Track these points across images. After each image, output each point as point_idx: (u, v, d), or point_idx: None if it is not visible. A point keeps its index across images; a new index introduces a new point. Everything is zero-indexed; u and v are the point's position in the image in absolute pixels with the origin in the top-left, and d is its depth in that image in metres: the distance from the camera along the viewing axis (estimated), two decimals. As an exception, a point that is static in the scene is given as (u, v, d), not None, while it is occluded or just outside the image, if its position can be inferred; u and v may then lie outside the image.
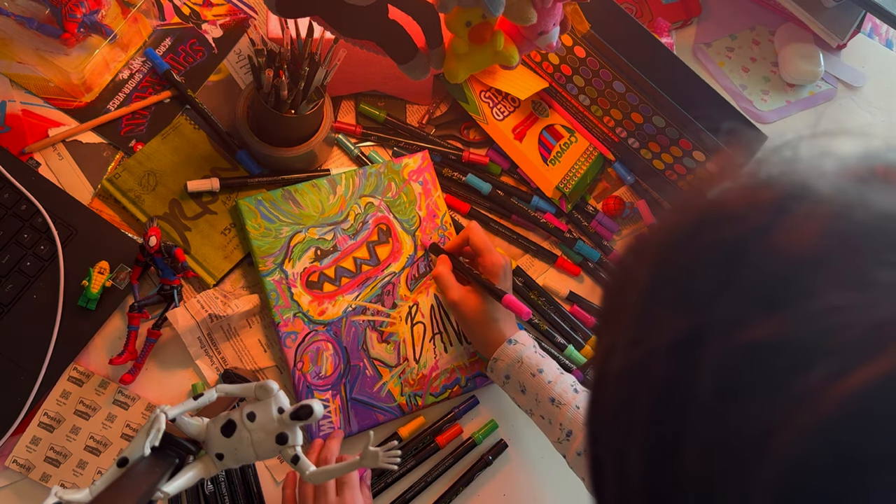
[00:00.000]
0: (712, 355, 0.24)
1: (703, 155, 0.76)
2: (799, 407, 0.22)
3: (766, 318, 0.23)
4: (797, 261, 0.23)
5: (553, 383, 0.67)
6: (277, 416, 0.53)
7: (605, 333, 0.31)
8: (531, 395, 0.68)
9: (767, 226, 0.24)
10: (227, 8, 0.84)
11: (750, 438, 0.22)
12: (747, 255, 0.24)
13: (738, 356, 0.23)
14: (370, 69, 0.80)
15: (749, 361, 0.23)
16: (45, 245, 0.72)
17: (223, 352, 0.73)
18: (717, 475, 0.23)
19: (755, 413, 0.22)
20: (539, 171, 0.83)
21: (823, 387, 0.21)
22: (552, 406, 0.66)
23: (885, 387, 0.21)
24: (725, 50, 0.95)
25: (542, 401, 0.67)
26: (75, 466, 0.68)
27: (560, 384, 0.67)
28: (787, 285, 0.23)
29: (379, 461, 0.56)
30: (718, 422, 0.23)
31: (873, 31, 1.01)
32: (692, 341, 0.24)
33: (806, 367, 0.22)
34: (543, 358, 0.69)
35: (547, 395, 0.67)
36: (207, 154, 0.78)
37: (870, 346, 0.21)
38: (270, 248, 0.74)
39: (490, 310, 0.70)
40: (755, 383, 0.23)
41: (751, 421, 0.22)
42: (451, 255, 0.75)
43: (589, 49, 0.77)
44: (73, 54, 0.75)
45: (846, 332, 0.22)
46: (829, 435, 0.21)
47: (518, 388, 0.69)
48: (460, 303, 0.71)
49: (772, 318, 0.23)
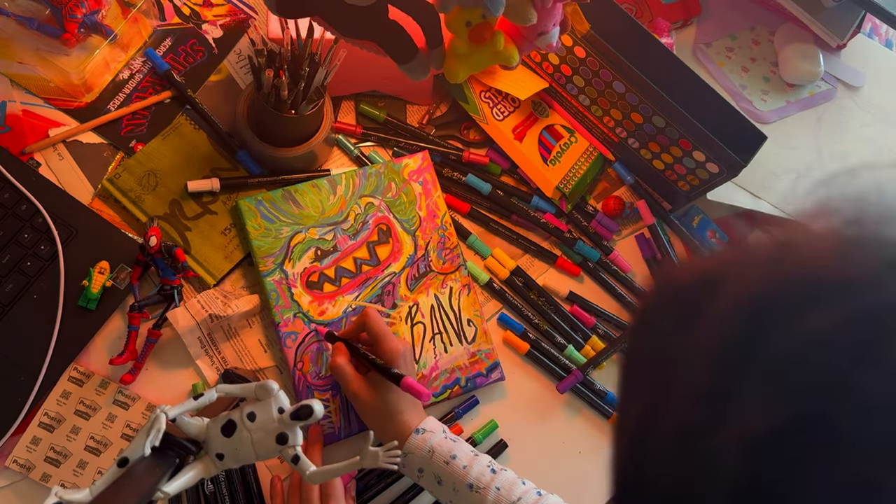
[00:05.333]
0: (841, 471, 0.20)
1: (703, 155, 0.76)
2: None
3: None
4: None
5: (469, 468, 0.63)
6: (277, 416, 0.53)
7: (639, 388, 0.27)
8: (448, 485, 0.64)
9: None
10: (227, 8, 0.84)
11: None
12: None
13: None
14: (370, 69, 0.80)
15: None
16: (45, 245, 0.72)
17: (223, 352, 0.73)
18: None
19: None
20: (539, 171, 0.83)
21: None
22: (472, 493, 0.62)
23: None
24: (725, 50, 0.95)
25: (460, 490, 0.63)
26: (75, 466, 0.68)
27: (476, 467, 0.64)
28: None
29: (379, 461, 0.56)
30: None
31: (873, 31, 1.01)
32: (802, 451, 0.21)
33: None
34: (455, 442, 0.65)
35: (464, 482, 0.63)
36: (207, 154, 0.78)
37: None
38: (270, 249, 0.74)
39: (393, 400, 0.66)
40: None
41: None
42: (348, 342, 0.70)
43: (589, 49, 0.77)
44: (73, 54, 0.75)
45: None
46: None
47: (434, 480, 0.65)
48: (360, 394, 0.67)
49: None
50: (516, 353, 0.80)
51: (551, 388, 0.79)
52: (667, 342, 0.26)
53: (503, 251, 0.83)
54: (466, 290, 0.79)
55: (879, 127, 0.94)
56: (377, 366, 0.67)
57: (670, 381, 0.25)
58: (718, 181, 0.78)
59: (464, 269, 0.79)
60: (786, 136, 0.91)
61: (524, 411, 0.78)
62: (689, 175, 0.81)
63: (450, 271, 0.79)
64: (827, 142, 0.92)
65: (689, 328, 0.25)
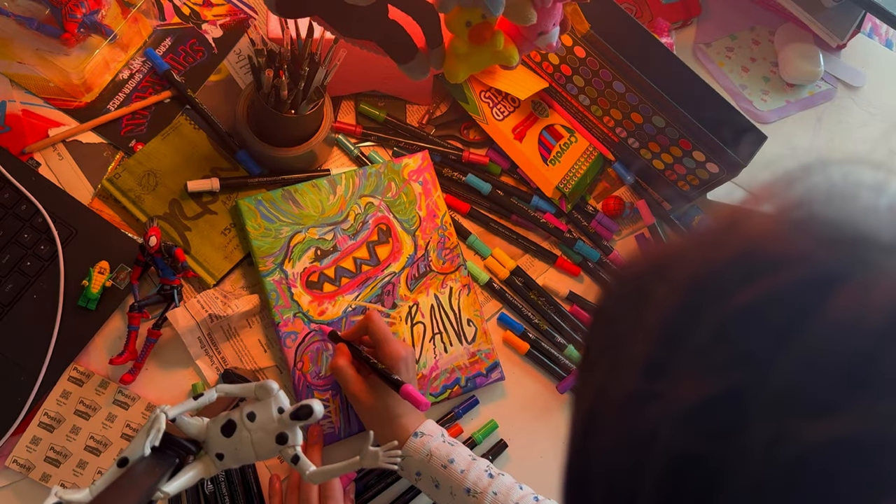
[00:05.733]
0: (759, 440, 0.21)
1: (703, 155, 0.76)
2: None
3: (850, 404, 0.20)
4: (875, 335, 0.21)
5: (466, 472, 0.64)
6: (277, 416, 0.53)
7: (594, 371, 0.28)
8: (445, 489, 0.64)
9: (837, 278, 0.22)
10: (227, 8, 0.84)
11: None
12: (822, 314, 0.21)
13: (808, 452, 0.20)
14: (370, 69, 0.80)
15: (824, 458, 0.20)
16: (45, 245, 0.72)
17: (223, 352, 0.73)
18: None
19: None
20: (539, 171, 0.83)
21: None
22: (469, 497, 0.63)
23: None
24: (725, 50, 0.95)
25: (457, 494, 0.63)
26: (75, 466, 0.68)
27: (473, 471, 0.64)
28: (872, 362, 0.20)
29: (379, 461, 0.56)
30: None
31: (873, 31, 1.01)
32: (730, 422, 0.22)
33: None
34: (453, 446, 0.65)
35: (462, 486, 0.63)
36: (207, 154, 0.78)
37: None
38: (270, 248, 0.74)
39: (392, 404, 0.66)
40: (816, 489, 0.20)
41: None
42: (350, 343, 0.70)
43: (589, 49, 0.77)
44: (73, 54, 0.75)
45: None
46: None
47: (431, 484, 0.65)
48: (360, 396, 0.67)
49: (854, 408, 0.20)
50: (516, 353, 0.80)
51: (551, 388, 0.79)
52: (619, 326, 0.28)
53: (503, 251, 0.82)
54: (466, 290, 0.79)
55: (879, 127, 0.94)
56: (378, 370, 0.67)
57: (619, 360, 0.26)
58: (718, 181, 0.78)
59: (464, 269, 0.79)
60: (786, 136, 0.91)
61: (524, 411, 0.78)
62: (689, 175, 0.81)
63: (450, 271, 0.79)
64: (827, 142, 0.92)
65: (638, 310, 0.26)
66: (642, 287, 0.27)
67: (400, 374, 0.66)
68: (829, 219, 0.23)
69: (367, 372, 0.69)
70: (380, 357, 0.68)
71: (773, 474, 0.21)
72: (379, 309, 0.76)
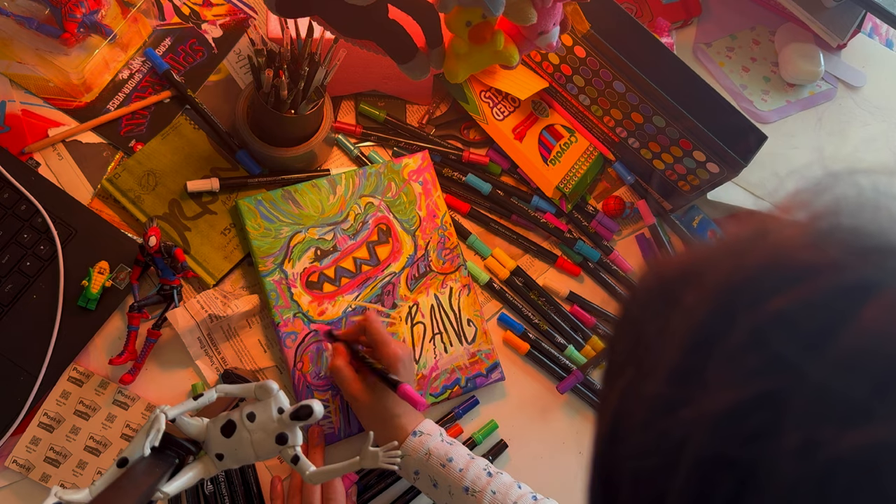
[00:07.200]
0: (792, 446, 0.21)
1: (704, 155, 0.76)
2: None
3: (884, 410, 0.20)
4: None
5: (465, 471, 0.64)
6: (277, 417, 0.53)
7: (621, 375, 0.28)
8: (444, 488, 0.64)
9: (871, 286, 0.22)
10: (227, 8, 0.83)
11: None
12: (856, 321, 0.21)
13: (842, 458, 0.20)
14: (370, 69, 0.80)
15: (866, 469, 0.20)
16: (45, 245, 0.72)
17: (223, 352, 0.73)
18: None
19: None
20: (539, 171, 0.83)
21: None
22: (468, 496, 0.63)
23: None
24: (725, 50, 0.95)
25: (456, 492, 0.63)
26: (75, 466, 0.68)
27: (472, 470, 0.64)
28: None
29: (379, 461, 0.56)
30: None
31: (873, 31, 1.01)
32: (764, 427, 0.22)
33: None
34: (451, 445, 0.66)
35: (460, 485, 0.63)
36: (207, 154, 0.78)
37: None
38: (270, 249, 0.74)
39: (390, 404, 0.67)
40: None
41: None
42: (348, 343, 0.71)
43: (589, 49, 0.76)
44: (72, 54, 0.75)
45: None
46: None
47: (430, 483, 0.65)
48: (358, 396, 0.68)
49: (889, 415, 0.20)
50: (516, 354, 0.80)
51: (551, 388, 0.79)
52: (646, 331, 0.28)
53: (503, 251, 0.82)
54: (466, 290, 0.79)
55: (879, 127, 0.94)
56: (376, 370, 0.67)
57: (645, 365, 0.26)
58: (718, 181, 0.78)
59: (464, 269, 0.79)
60: (786, 136, 0.91)
61: (524, 411, 0.78)
62: (690, 175, 0.81)
63: (450, 271, 0.79)
64: (827, 142, 0.91)
65: (666, 316, 0.26)
66: (670, 293, 0.27)
67: (398, 375, 0.66)
68: (859, 228, 0.24)
69: (366, 372, 0.69)
70: (378, 357, 0.68)
71: (806, 480, 0.21)
72: (379, 309, 0.76)
